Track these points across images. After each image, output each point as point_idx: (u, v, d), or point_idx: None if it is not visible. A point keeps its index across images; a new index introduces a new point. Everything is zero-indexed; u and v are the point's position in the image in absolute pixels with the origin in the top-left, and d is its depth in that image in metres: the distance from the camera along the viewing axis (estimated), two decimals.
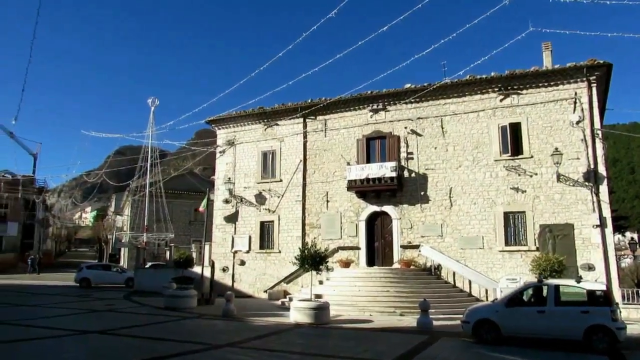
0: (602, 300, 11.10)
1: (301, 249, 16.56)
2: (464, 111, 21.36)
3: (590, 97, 19.04)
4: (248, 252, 25.10)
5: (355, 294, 18.83)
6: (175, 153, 76.79)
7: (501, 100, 20.68)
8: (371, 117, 23.23)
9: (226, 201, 25.99)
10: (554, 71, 19.69)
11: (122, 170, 49.83)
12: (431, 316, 14.37)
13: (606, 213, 18.23)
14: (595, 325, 10.63)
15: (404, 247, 21.51)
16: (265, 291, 23.50)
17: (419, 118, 22.14)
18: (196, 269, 24.14)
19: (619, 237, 52.25)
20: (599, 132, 19.00)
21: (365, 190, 22.19)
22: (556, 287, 11.64)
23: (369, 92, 22.93)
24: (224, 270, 25.21)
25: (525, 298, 12.23)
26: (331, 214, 23.36)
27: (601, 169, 18.55)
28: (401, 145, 22.32)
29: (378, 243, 22.49)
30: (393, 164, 21.51)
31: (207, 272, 23.67)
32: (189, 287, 19.92)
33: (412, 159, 22.02)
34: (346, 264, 21.67)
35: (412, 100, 22.05)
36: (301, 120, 24.75)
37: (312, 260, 15.75)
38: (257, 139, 26.10)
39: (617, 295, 16.66)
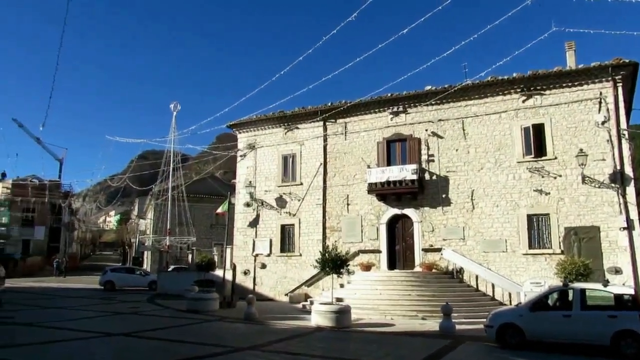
0: (630, 304, 10.85)
1: (322, 252, 16.56)
2: (485, 112, 21.14)
3: (616, 96, 18.64)
4: (269, 255, 25.21)
5: (376, 297, 18.75)
6: (196, 157, 77.45)
7: (524, 101, 20.41)
8: (391, 119, 23.15)
9: (247, 205, 26.16)
10: (578, 71, 19.36)
11: (145, 175, 50.64)
12: (454, 320, 14.23)
13: (633, 215, 17.78)
14: (623, 330, 10.37)
15: (425, 250, 21.35)
16: (286, 294, 23.56)
17: (439, 120, 21.98)
18: (218, 272, 24.34)
19: None
20: (625, 133, 18.57)
21: (385, 193, 22.10)
22: (582, 291, 11.42)
23: (389, 94, 22.85)
24: (245, 273, 25.36)
25: (550, 302, 12.01)
26: (352, 217, 23.33)
27: (628, 170, 18.11)
28: (422, 147, 22.18)
29: (399, 246, 22.36)
30: (414, 166, 21.39)
31: (228, 275, 23.87)
32: (211, 290, 20.09)
33: (433, 161, 21.87)
34: (367, 267, 21.61)
35: (433, 102, 21.91)
36: (321, 123, 24.80)
37: (332, 263, 15.73)
38: (277, 143, 26.23)
39: None
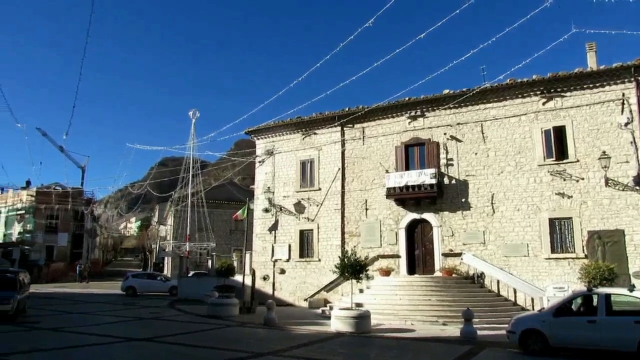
0: None
1: (341, 257, 16.53)
2: (505, 115, 20.92)
3: (639, 97, 18.31)
4: (288, 260, 25.27)
5: (396, 302, 18.66)
6: (215, 163, 78.23)
7: (544, 104, 20.16)
8: (409, 124, 23.07)
9: (266, 210, 26.28)
10: (600, 72, 19.06)
11: (165, 181, 51.28)
12: (475, 326, 14.09)
13: None
14: None
15: (445, 255, 21.17)
16: (306, 299, 23.58)
17: (458, 124, 21.84)
18: (237, 277, 24.47)
19: None
20: None
21: (404, 197, 22.00)
22: (607, 296, 11.18)
23: (407, 99, 22.77)
24: (264, 278, 25.45)
25: (574, 307, 11.81)
26: (370, 222, 23.26)
27: None
28: (440, 151, 22.05)
29: (418, 251, 22.21)
30: (432, 170, 21.25)
31: (248, 281, 23.97)
32: (230, 296, 20.23)
33: (452, 165, 21.72)
34: (386, 272, 21.51)
35: (451, 106, 21.77)
36: (339, 128, 24.82)
37: (352, 268, 15.69)
38: (295, 148, 26.33)
39: None
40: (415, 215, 22.19)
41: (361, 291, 20.41)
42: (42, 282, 40.44)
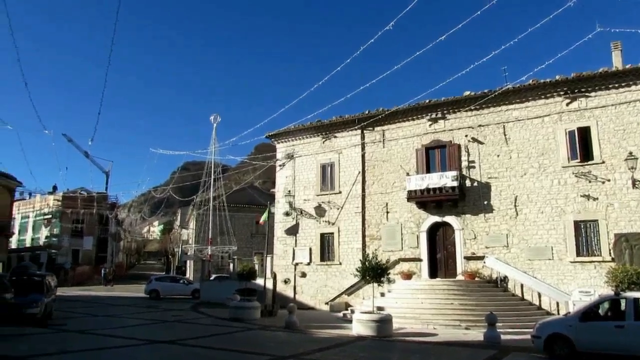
0: None
1: (362, 260, 16.51)
2: (527, 117, 20.64)
3: None
4: (309, 264, 25.31)
5: (418, 306, 18.52)
6: (236, 167, 78.81)
7: (568, 104, 19.83)
8: (430, 126, 22.93)
9: (286, 214, 26.40)
10: (626, 71, 18.68)
11: (187, 186, 51.82)
12: (499, 330, 13.90)
13: None
14: None
15: (467, 258, 20.95)
16: (327, 303, 23.57)
17: (479, 125, 21.62)
18: (259, 281, 24.58)
19: None
20: None
21: (425, 200, 21.85)
22: (635, 300, 10.91)
23: (427, 101, 22.65)
24: (285, 282, 25.53)
25: (601, 312, 11.57)
26: (391, 225, 23.16)
27: None
28: (462, 153, 21.86)
29: (440, 254, 22.03)
30: (454, 173, 21.08)
31: (269, 284, 24.08)
32: (252, 299, 20.32)
33: (473, 167, 21.50)
34: (408, 275, 21.38)
35: (472, 108, 21.58)
36: (359, 131, 24.81)
37: (373, 272, 15.65)
38: (315, 152, 26.40)
39: None
40: (436, 218, 22.02)
41: (382, 295, 20.32)
42: (68, 285, 41.31)
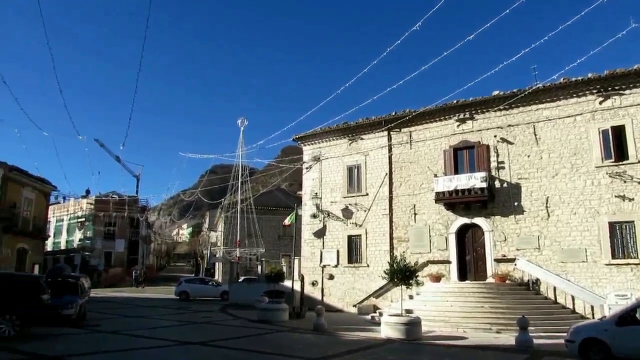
0: None
1: (390, 262, 16.42)
2: (558, 116, 20.20)
3: None
4: (336, 266, 25.29)
5: (447, 309, 18.29)
6: (262, 170, 79.43)
7: (601, 103, 19.32)
8: (458, 126, 22.65)
9: (314, 216, 26.44)
10: None
11: (215, 189, 52.52)
12: (531, 334, 13.61)
13: None
14: None
15: (497, 260, 20.59)
16: (355, 305, 23.50)
17: (509, 125, 21.25)
18: (287, 283, 24.66)
19: None
20: None
21: (454, 202, 21.59)
22: None
23: (455, 101, 22.38)
24: (313, 284, 25.57)
25: (639, 316, 11.21)
26: (419, 227, 22.96)
27: None
28: (491, 154, 21.52)
29: (469, 256, 21.71)
30: (483, 174, 20.77)
31: (297, 286, 24.14)
32: (280, 301, 20.42)
33: (503, 168, 21.15)
34: (437, 278, 21.15)
35: (502, 108, 21.23)
36: (385, 133, 24.69)
37: (401, 274, 15.53)
38: (342, 154, 26.39)
39: None
40: (465, 220, 21.73)
41: (411, 297, 20.16)
42: (101, 286, 42.28)
